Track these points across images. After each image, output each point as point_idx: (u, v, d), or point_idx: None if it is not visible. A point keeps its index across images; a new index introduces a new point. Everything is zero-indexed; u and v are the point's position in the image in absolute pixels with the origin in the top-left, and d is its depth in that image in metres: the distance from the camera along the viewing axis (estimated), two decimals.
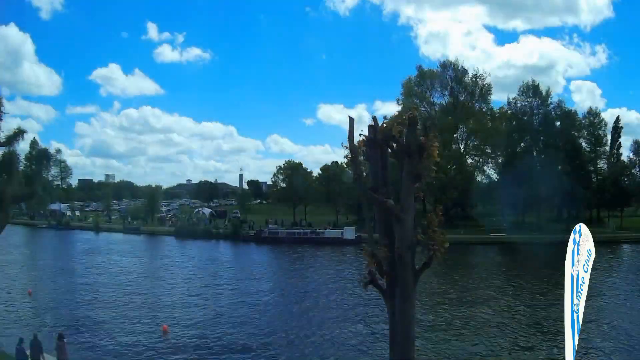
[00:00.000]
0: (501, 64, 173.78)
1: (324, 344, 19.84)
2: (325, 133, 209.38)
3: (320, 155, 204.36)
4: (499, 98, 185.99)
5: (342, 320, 23.45)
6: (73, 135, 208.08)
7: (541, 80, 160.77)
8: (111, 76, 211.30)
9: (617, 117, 73.99)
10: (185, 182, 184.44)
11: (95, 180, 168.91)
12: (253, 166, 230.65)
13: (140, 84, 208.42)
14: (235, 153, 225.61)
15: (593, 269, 5.90)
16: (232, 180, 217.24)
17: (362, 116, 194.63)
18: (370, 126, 7.85)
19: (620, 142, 73.00)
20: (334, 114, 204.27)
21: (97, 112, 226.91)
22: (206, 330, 21.73)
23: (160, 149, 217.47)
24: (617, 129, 72.58)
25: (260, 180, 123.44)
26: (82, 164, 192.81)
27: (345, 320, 23.45)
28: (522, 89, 69.58)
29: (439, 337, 20.35)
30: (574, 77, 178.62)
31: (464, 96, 75.27)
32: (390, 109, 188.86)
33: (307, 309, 26.00)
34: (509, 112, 70.64)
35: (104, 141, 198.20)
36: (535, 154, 67.25)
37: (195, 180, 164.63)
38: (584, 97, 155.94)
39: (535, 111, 68.83)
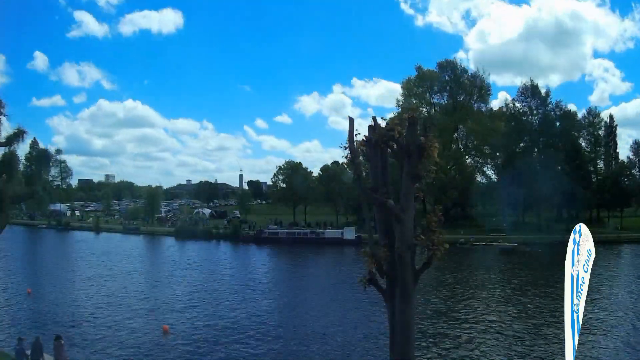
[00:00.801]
0: (506, 30, 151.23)
1: (324, 344, 19.83)
2: (306, 126, 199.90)
3: (308, 151, 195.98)
4: (502, 80, 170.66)
5: (342, 320, 23.45)
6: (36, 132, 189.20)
7: (562, 54, 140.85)
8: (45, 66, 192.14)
9: (611, 116, 74.23)
10: (185, 182, 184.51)
11: (95, 180, 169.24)
12: (241, 164, 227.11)
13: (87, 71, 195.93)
14: (220, 150, 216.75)
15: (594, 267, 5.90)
16: (226, 179, 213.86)
17: (342, 101, 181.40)
18: (370, 126, 7.85)
19: (616, 142, 73.26)
20: (310, 104, 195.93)
21: (51, 104, 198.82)
22: (206, 330, 21.73)
23: (139, 147, 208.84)
24: (611, 129, 72.69)
25: (259, 180, 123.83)
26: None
27: (345, 320, 23.44)
28: (521, 89, 69.69)
29: (439, 337, 20.35)
30: (601, 54, 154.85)
31: (462, 97, 75.39)
32: (370, 90, 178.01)
33: (307, 310, 25.99)
34: (508, 112, 70.64)
35: (78, 138, 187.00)
36: (535, 154, 67.24)
37: (195, 181, 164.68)
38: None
39: (534, 111, 68.83)
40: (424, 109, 74.44)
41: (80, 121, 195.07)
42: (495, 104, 77.06)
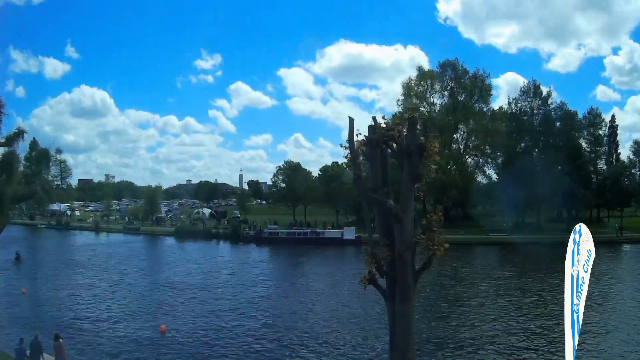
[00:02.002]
0: None
1: (325, 344, 19.83)
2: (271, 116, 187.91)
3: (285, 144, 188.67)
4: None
5: (342, 320, 23.43)
6: None
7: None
8: None
9: (613, 116, 74.39)
10: (185, 182, 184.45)
11: (96, 180, 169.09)
12: (213, 162, 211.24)
13: None
14: (198, 146, 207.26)
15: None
16: (224, 177, 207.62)
17: (300, 74, 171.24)
18: (370, 126, 7.85)
19: (618, 142, 73.30)
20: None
21: None
22: (204, 330, 21.72)
23: (106, 142, 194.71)
24: (613, 129, 72.77)
25: (258, 181, 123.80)
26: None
27: (345, 320, 23.43)
28: (522, 89, 69.81)
29: (439, 338, 20.36)
30: None
31: (463, 96, 75.46)
32: (329, 56, 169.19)
33: (308, 310, 25.97)
34: (509, 112, 70.76)
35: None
36: (535, 154, 67.26)
37: (195, 181, 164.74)
38: None
39: (535, 111, 68.88)
40: (424, 109, 74.48)
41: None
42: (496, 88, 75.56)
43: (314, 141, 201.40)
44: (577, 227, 5.94)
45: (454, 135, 75.19)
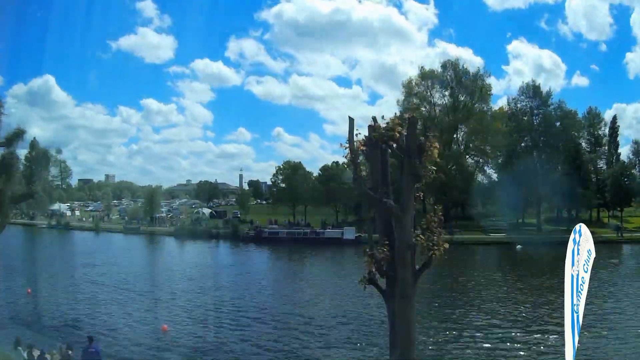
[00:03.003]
0: None
1: (325, 345, 19.83)
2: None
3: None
4: None
5: (342, 320, 23.44)
6: None
7: None
8: None
9: (614, 117, 74.36)
10: (184, 182, 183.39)
11: (95, 180, 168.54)
12: (200, 160, 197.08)
13: None
14: (176, 142, 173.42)
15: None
16: (211, 176, 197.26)
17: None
18: (370, 126, 7.84)
19: (618, 142, 73.34)
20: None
21: None
22: (205, 330, 21.76)
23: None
24: (614, 129, 72.80)
25: (259, 180, 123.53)
26: None
27: (345, 320, 23.43)
28: (522, 89, 69.86)
29: (439, 338, 20.35)
30: None
31: (464, 96, 75.46)
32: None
33: (307, 310, 25.97)
34: (508, 112, 70.80)
35: None
36: (535, 154, 67.26)
37: (194, 181, 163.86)
38: None
39: (535, 111, 68.89)
40: (425, 109, 74.47)
41: None
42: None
43: (294, 132, 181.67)
44: (577, 227, 5.94)
45: (454, 136, 75.24)
